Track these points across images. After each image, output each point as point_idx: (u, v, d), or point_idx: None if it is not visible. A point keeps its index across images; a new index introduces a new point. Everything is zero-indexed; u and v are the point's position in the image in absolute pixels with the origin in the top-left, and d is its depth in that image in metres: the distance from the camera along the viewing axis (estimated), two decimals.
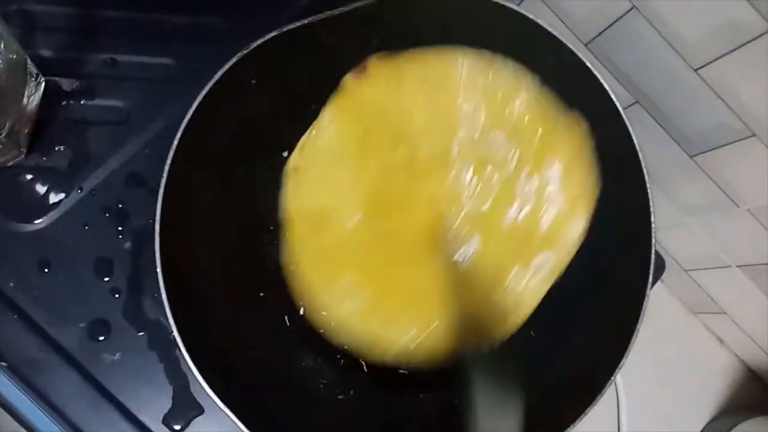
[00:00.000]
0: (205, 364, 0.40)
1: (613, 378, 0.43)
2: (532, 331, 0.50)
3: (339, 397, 0.49)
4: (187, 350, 0.40)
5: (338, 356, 0.50)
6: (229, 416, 0.39)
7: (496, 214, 0.49)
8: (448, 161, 0.50)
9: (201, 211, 0.46)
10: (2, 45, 0.46)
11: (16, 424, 0.49)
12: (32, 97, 0.51)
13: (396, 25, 0.48)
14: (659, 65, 0.50)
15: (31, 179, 0.52)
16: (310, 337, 0.50)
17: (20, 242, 0.51)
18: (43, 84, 0.53)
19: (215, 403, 0.39)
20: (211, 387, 0.39)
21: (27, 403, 0.49)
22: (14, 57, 0.48)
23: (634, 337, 0.43)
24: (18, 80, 0.49)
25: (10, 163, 0.52)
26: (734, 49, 0.44)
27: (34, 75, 0.52)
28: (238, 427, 0.39)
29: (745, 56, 0.43)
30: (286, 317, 0.51)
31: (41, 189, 0.52)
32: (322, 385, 0.49)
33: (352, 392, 0.49)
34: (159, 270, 0.41)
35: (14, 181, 0.52)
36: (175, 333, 0.40)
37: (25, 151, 0.52)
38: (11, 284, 0.50)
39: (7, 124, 0.48)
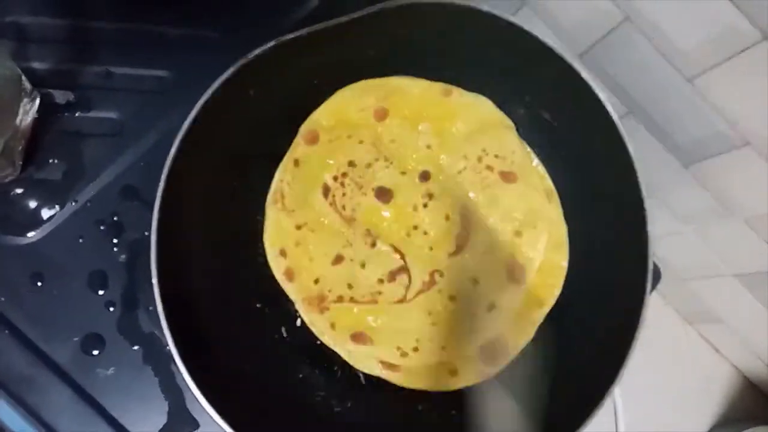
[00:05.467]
0: (201, 378, 0.39)
1: (611, 390, 0.42)
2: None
3: (336, 409, 0.48)
4: (184, 363, 0.39)
5: (335, 368, 0.50)
6: (226, 431, 0.39)
7: None
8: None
9: (197, 223, 0.46)
10: None
11: None
12: (27, 113, 0.51)
13: (392, 35, 0.48)
14: (653, 75, 0.50)
15: (25, 192, 0.52)
16: (307, 348, 0.50)
17: (13, 255, 0.50)
18: (37, 100, 0.52)
19: (212, 418, 0.39)
20: (208, 401, 0.39)
21: (19, 421, 0.48)
22: (8, 73, 0.48)
23: (632, 349, 0.43)
24: (12, 97, 0.49)
25: (5, 180, 0.51)
26: (728, 59, 0.44)
27: (28, 91, 0.51)
28: None
29: (738, 66, 0.44)
30: (282, 328, 0.50)
31: (35, 202, 0.52)
32: (319, 397, 0.48)
33: (349, 404, 0.48)
34: (155, 281, 0.40)
35: (7, 193, 0.52)
36: (171, 346, 0.40)
37: (20, 166, 0.52)
38: (2, 299, 0.50)
39: (1, 142, 0.48)
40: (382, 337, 0.48)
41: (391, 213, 0.49)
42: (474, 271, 0.49)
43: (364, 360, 0.49)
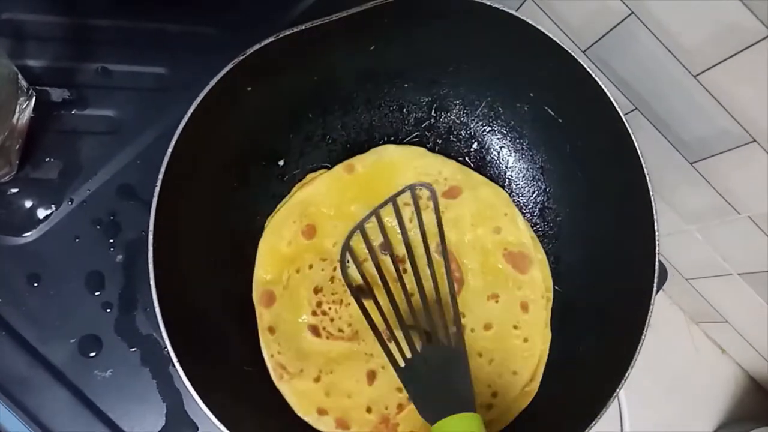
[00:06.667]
0: (199, 381, 0.39)
1: (617, 390, 0.42)
2: None
3: None
4: (182, 365, 0.39)
5: None
6: None
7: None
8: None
9: (195, 222, 0.45)
10: None
11: None
12: (23, 112, 0.50)
13: (392, 31, 0.48)
14: (658, 71, 0.50)
15: (20, 191, 0.51)
16: None
17: (9, 256, 0.50)
18: (33, 98, 0.52)
19: (211, 420, 0.38)
20: (206, 404, 0.38)
21: (15, 423, 0.47)
22: (5, 71, 0.47)
23: (638, 349, 0.42)
24: (8, 95, 0.48)
25: (2, 180, 0.51)
26: (733, 55, 0.44)
27: (25, 90, 0.51)
28: None
29: (744, 62, 0.43)
30: None
31: (30, 201, 0.51)
32: None
33: None
34: (152, 282, 0.40)
35: (3, 193, 0.51)
36: (169, 347, 0.39)
37: (16, 165, 0.51)
38: None
39: None
40: None
41: (382, 301, 0.47)
42: (487, 290, 0.49)
43: None
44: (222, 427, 0.38)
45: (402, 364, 0.43)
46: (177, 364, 0.39)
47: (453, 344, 0.44)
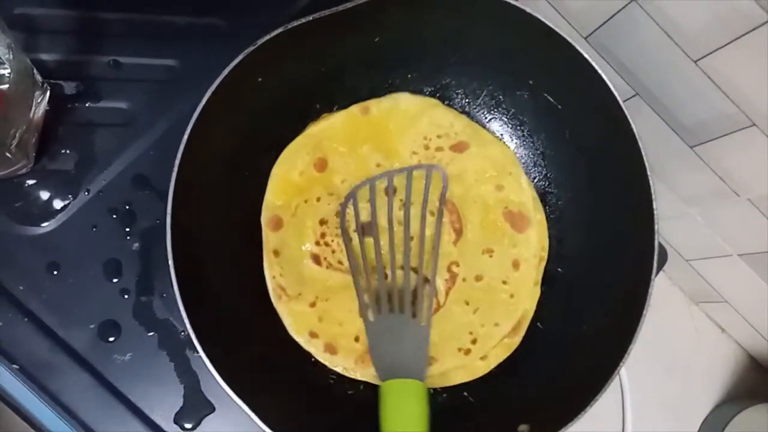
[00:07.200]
0: (217, 360, 0.40)
1: (618, 368, 0.43)
2: (539, 323, 0.51)
3: (349, 392, 0.49)
4: (201, 345, 0.40)
5: None
6: (244, 410, 0.39)
7: None
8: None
9: (209, 208, 0.47)
10: (11, 55, 0.46)
11: (26, 425, 0.49)
12: (39, 106, 0.52)
13: (396, 22, 0.49)
14: (659, 57, 0.50)
15: (38, 183, 0.53)
16: None
17: (29, 246, 0.51)
18: (48, 92, 0.53)
19: (231, 397, 0.39)
20: (225, 382, 0.39)
21: (39, 406, 0.49)
22: (21, 66, 0.48)
23: (638, 328, 0.43)
24: (25, 89, 0.49)
25: (20, 172, 0.52)
26: (733, 40, 0.44)
27: (40, 83, 0.52)
28: (253, 421, 0.40)
29: (744, 47, 0.44)
30: None
31: (47, 192, 0.53)
32: (332, 380, 0.49)
33: (362, 386, 0.49)
34: (170, 262, 0.41)
35: (21, 185, 0.52)
36: (188, 325, 0.40)
37: (33, 158, 0.52)
38: (21, 287, 0.50)
39: (17, 135, 0.48)
40: (440, 348, 0.49)
41: (383, 241, 0.50)
42: (483, 244, 0.51)
43: (442, 378, 0.49)
44: (241, 404, 0.39)
45: (372, 318, 0.45)
46: (196, 343, 0.40)
47: (422, 322, 0.46)
